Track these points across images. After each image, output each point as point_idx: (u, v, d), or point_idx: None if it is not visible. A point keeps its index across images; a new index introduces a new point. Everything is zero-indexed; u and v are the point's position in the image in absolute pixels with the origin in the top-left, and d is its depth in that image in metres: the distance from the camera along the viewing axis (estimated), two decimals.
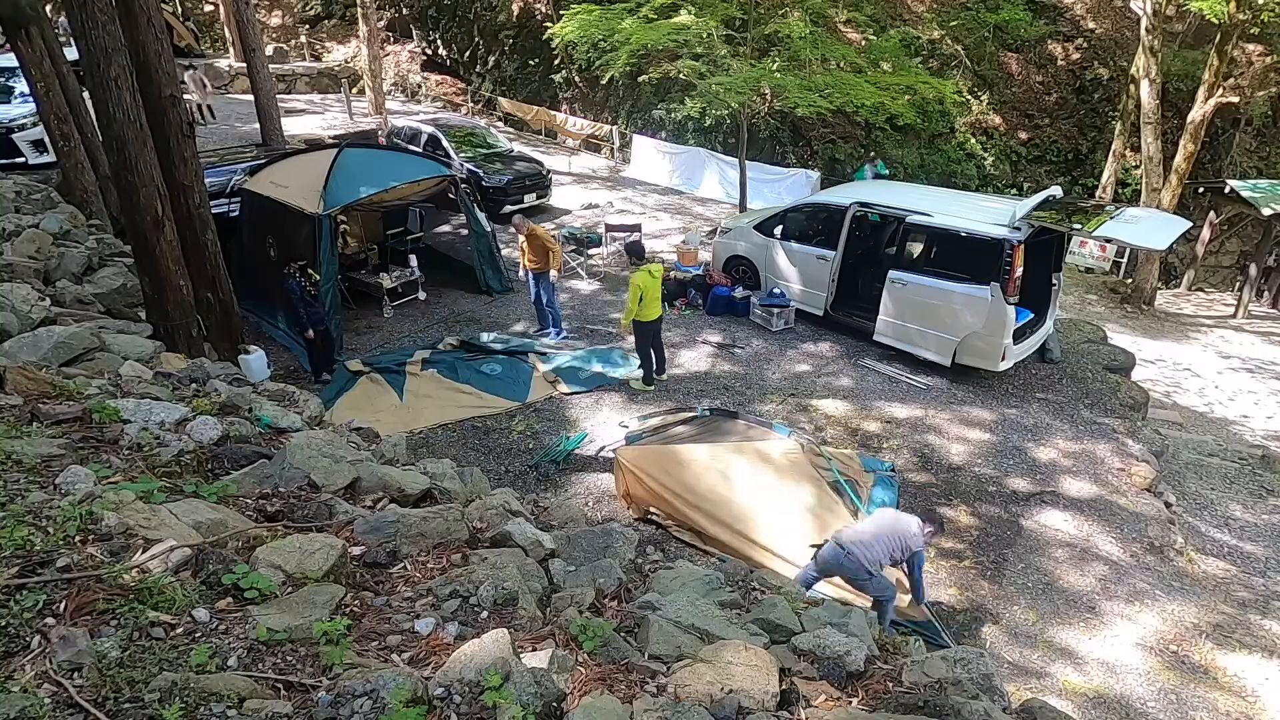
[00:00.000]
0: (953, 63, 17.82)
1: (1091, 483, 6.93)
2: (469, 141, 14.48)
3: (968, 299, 7.90)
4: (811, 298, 9.57)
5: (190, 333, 6.18)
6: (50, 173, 10.79)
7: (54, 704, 1.55)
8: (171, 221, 5.93)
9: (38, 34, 8.68)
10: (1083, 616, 5.50)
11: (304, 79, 24.19)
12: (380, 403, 7.56)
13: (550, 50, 18.12)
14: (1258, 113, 16.39)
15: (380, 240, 10.91)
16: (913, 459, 7.13)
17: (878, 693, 2.20)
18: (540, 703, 1.77)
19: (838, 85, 12.09)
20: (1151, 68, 13.60)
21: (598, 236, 12.33)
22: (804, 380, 8.40)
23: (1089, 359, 9.21)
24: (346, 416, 6.94)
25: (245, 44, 15.01)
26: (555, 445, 7.04)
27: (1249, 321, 14.67)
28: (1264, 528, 7.27)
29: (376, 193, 8.58)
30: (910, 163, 17.33)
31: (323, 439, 3.41)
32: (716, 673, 1.98)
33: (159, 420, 3.13)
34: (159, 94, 5.98)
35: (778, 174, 16.24)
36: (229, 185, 9.68)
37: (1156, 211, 11.71)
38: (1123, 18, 17.66)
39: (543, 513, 3.75)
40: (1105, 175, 16.28)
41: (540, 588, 2.53)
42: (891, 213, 8.79)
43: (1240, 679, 5.07)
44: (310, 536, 2.37)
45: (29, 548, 1.98)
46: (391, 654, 1.96)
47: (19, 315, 4.55)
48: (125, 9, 5.60)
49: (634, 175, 17.99)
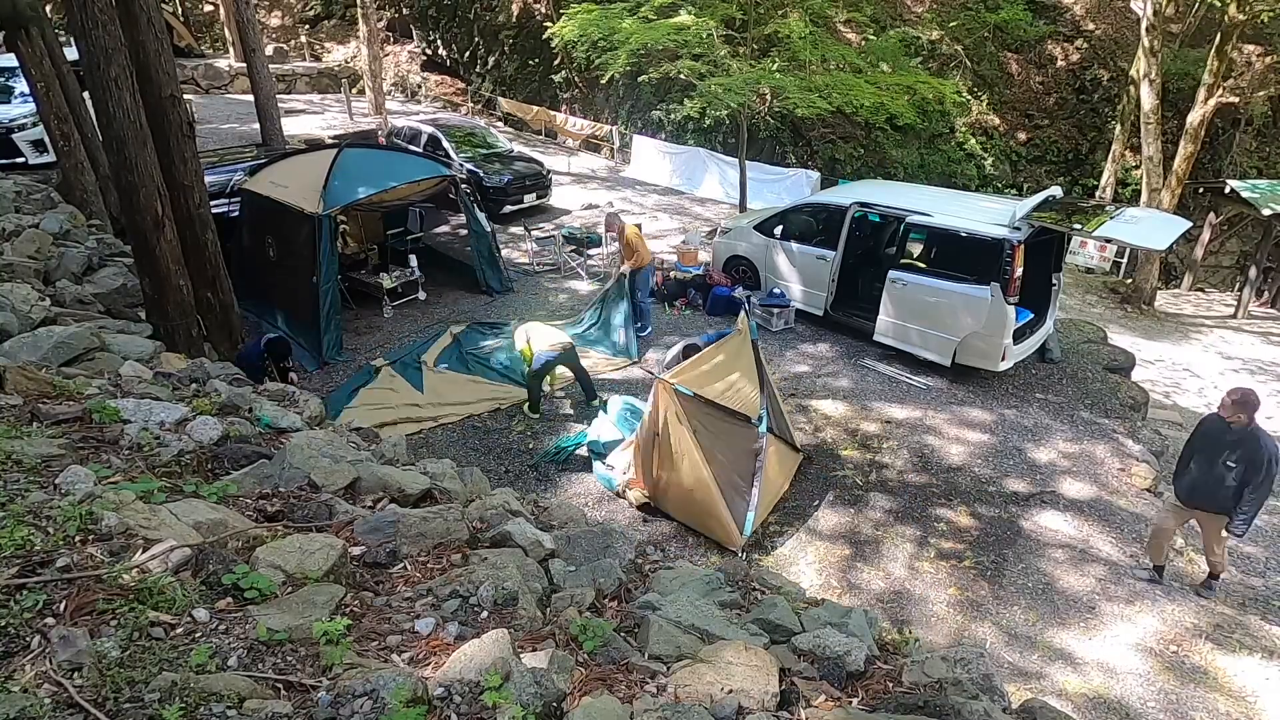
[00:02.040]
0: (953, 63, 17.82)
1: (1091, 483, 6.93)
2: (469, 142, 14.49)
3: (968, 299, 7.90)
4: (811, 298, 9.57)
5: (190, 333, 6.19)
6: (50, 173, 10.79)
7: (54, 704, 1.55)
8: (171, 221, 5.93)
9: (38, 34, 8.69)
10: (1082, 617, 5.50)
11: (304, 79, 24.19)
12: (401, 396, 7.67)
13: (550, 50, 18.12)
14: (1258, 113, 16.39)
15: (380, 240, 10.91)
16: (912, 459, 7.13)
17: (878, 693, 2.20)
18: (540, 703, 1.77)
19: (837, 86, 12.10)
20: (1151, 68, 13.60)
21: (598, 237, 12.32)
22: (804, 380, 8.40)
23: (1089, 359, 9.22)
24: (367, 411, 7.18)
25: (245, 44, 15.00)
26: (555, 445, 7.05)
27: (1249, 322, 14.67)
28: (1264, 528, 7.26)
29: (376, 193, 8.57)
30: (910, 163, 17.33)
31: (323, 439, 3.42)
32: (716, 673, 1.98)
33: (159, 420, 3.13)
34: (159, 94, 5.99)
35: (777, 174, 16.24)
36: (229, 185, 9.67)
37: (1156, 212, 11.71)
38: (1123, 18, 17.66)
39: (543, 513, 3.75)
40: (1105, 175, 16.28)
41: (540, 588, 2.53)
42: (891, 213, 8.79)
43: (1240, 680, 5.07)
44: (310, 536, 2.37)
45: (29, 548, 1.98)
46: (391, 654, 1.96)
47: (19, 315, 4.56)
48: (125, 9, 5.61)
49: (634, 175, 17.99)
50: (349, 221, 10.39)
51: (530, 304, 10.14)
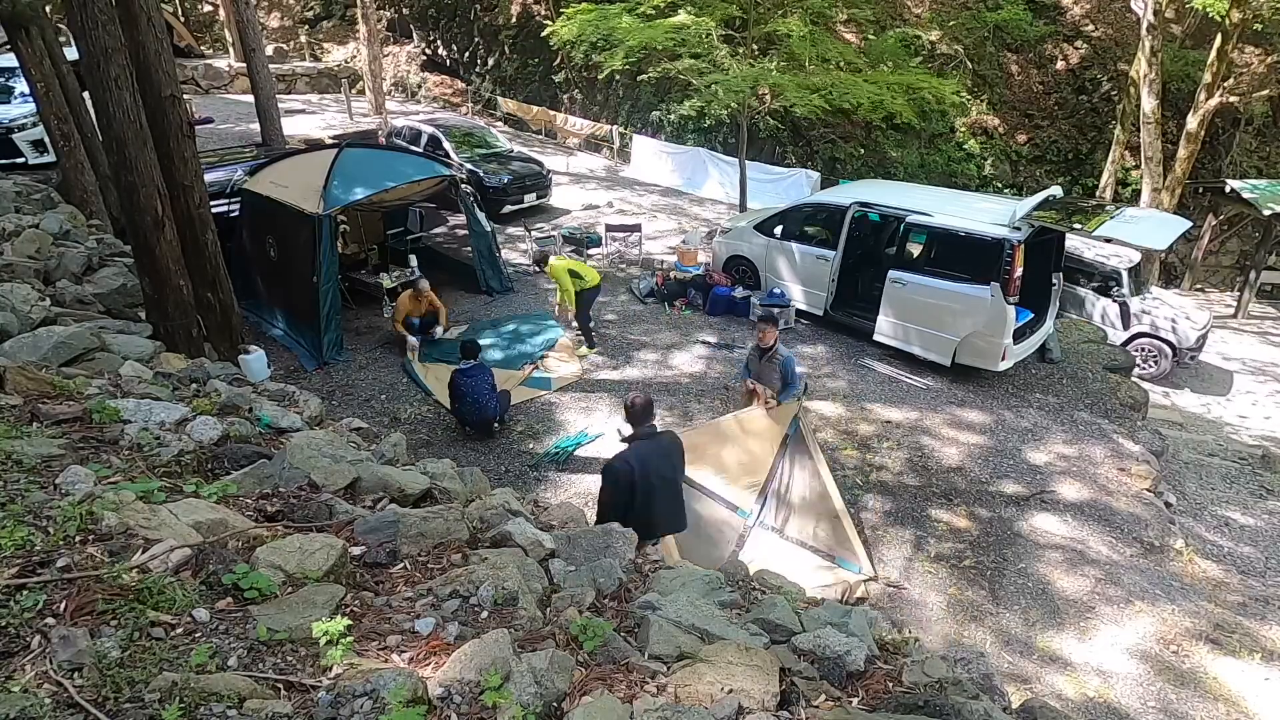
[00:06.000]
0: (952, 63, 17.82)
1: (1091, 483, 6.93)
2: (468, 142, 14.49)
3: (968, 299, 7.90)
4: (812, 298, 9.57)
5: (190, 333, 6.17)
6: (50, 173, 10.79)
7: (54, 704, 1.55)
8: (171, 221, 5.92)
9: (38, 34, 8.68)
10: (1081, 618, 5.50)
11: (304, 79, 24.18)
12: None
13: (550, 50, 18.12)
14: (1258, 113, 16.39)
15: (380, 240, 10.91)
16: (912, 459, 7.13)
17: (878, 693, 2.20)
18: (540, 703, 1.77)
19: (836, 85, 12.09)
20: (1151, 69, 13.60)
21: (597, 237, 12.33)
22: (803, 379, 8.39)
23: (1089, 359, 9.21)
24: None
25: (245, 44, 15.00)
26: (555, 445, 7.05)
27: (1249, 322, 14.67)
28: (1264, 528, 7.26)
29: (376, 193, 8.57)
30: (910, 163, 17.33)
31: (323, 439, 3.42)
32: (717, 673, 1.98)
33: (159, 420, 3.13)
34: (159, 94, 5.98)
35: (777, 174, 16.24)
36: (229, 185, 9.67)
37: (1156, 211, 11.72)
38: (1122, 19, 17.66)
39: (543, 513, 3.75)
40: (1105, 175, 16.28)
41: (540, 588, 2.52)
42: (891, 213, 8.79)
43: (1238, 682, 5.07)
44: (310, 536, 2.37)
45: (29, 548, 1.98)
46: (391, 654, 1.96)
47: (19, 315, 4.55)
48: (125, 9, 5.60)
49: (633, 175, 17.99)
50: (349, 221, 10.39)
51: (530, 304, 10.13)
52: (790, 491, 5.85)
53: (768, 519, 5.76)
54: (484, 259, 10.23)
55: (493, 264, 10.32)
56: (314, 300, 8.14)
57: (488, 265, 10.27)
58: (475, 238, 10.13)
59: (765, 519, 5.74)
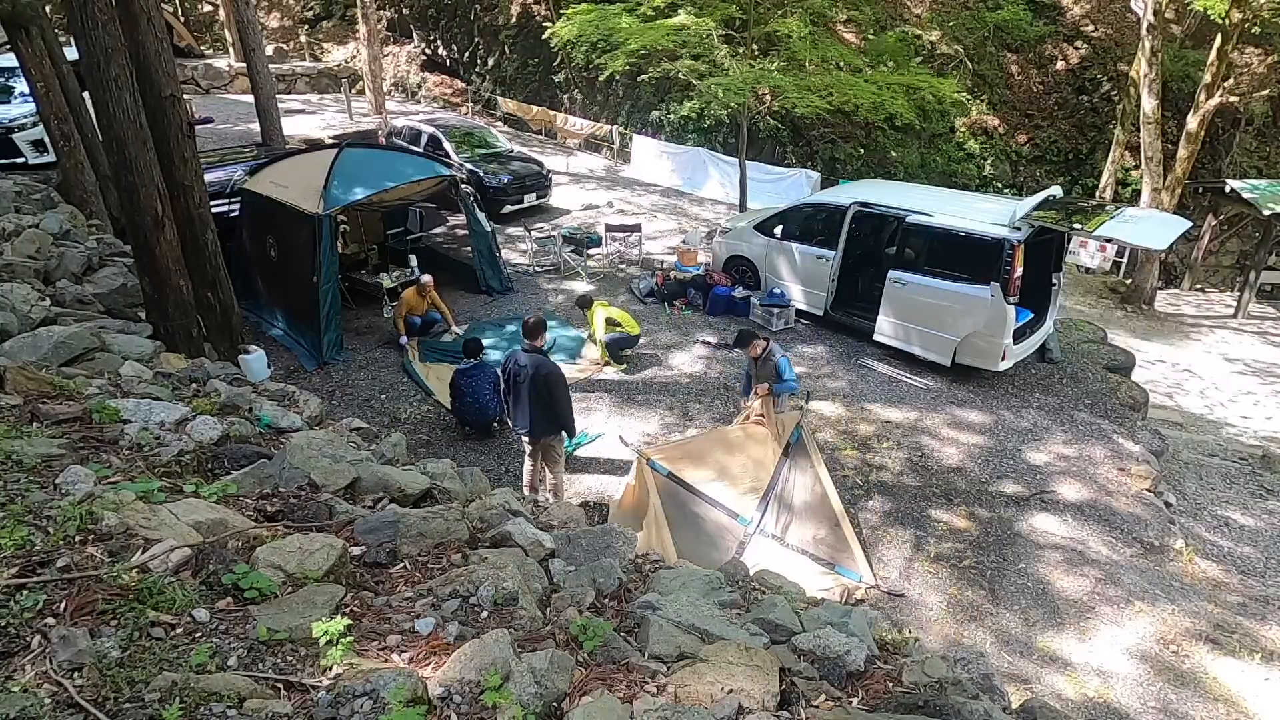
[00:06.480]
0: (953, 63, 17.82)
1: (1091, 484, 6.93)
2: (468, 142, 14.49)
3: (968, 299, 7.90)
4: (812, 298, 9.57)
5: (190, 333, 6.18)
6: (50, 173, 10.79)
7: (54, 704, 1.55)
8: (171, 221, 5.92)
9: (38, 34, 8.68)
10: (1081, 618, 5.50)
11: (304, 79, 24.18)
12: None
13: (550, 50, 18.11)
14: (1258, 113, 16.40)
15: (380, 240, 10.91)
16: (911, 459, 7.13)
17: (878, 693, 2.20)
18: (540, 703, 1.77)
19: (836, 85, 12.09)
20: (1151, 68, 13.60)
21: (597, 237, 12.32)
22: (803, 380, 8.38)
23: (1089, 359, 9.22)
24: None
25: (245, 44, 15.00)
26: None
27: (1249, 322, 14.67)
28: (1264, 529, 7.26)
29: (376, 193, 8.57)
30: (910, 163, 17.33)
31: (323, 439, 3.42)
32: (717, 673, 1.98)
33: (159, 420, 3.13)
34: (159, 94, 5.98)
35: (777, 174, 16.24)
36: (229, 185, 9.67)
37: (1156, 211, 11.72)
38: (1122, 19, 17.67)
39: (543, 513, 3.75)
40: (1105, 176, 16.28)
41: (540, 588, 2.52)
42: (891, 213, 8.79)
43: (1238, 682, 5.07)
44: (310, 536, 2.37)
45: (29, 548, 1.98)
46: (391, 654, 1.96)
47: (19, 315, 4.56)
48: (125, 9, 5.60)
49: (633, 175, 17.98)
50: (349, 221, 10.39)
51: (530, 304, 10.13)
52: (791, 499, 5.83)
53: (768, 526, 5.74)
54: (484, 259, 10.23)
55: (493, 264, 10.32)
56: (314, 300, 8.14)
57: (488, 265, 10.28)
58: (475, 238, 10.13)
59: (766, 526, 5.72)
